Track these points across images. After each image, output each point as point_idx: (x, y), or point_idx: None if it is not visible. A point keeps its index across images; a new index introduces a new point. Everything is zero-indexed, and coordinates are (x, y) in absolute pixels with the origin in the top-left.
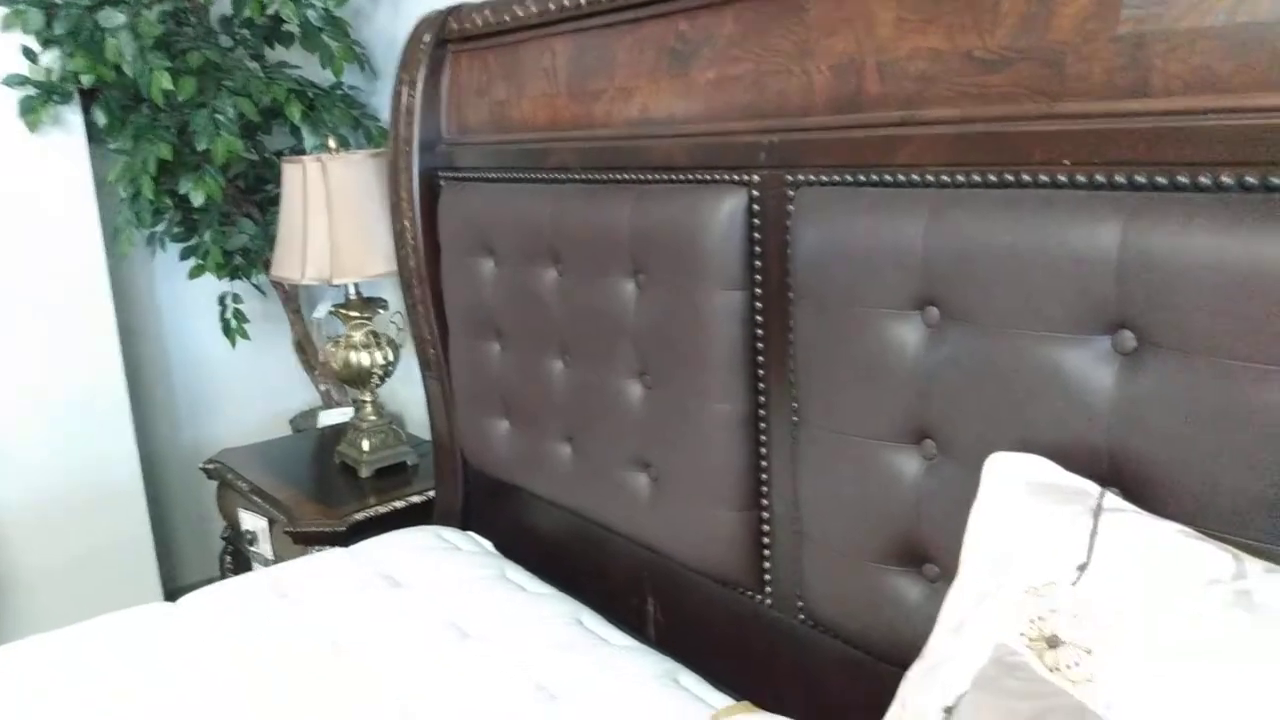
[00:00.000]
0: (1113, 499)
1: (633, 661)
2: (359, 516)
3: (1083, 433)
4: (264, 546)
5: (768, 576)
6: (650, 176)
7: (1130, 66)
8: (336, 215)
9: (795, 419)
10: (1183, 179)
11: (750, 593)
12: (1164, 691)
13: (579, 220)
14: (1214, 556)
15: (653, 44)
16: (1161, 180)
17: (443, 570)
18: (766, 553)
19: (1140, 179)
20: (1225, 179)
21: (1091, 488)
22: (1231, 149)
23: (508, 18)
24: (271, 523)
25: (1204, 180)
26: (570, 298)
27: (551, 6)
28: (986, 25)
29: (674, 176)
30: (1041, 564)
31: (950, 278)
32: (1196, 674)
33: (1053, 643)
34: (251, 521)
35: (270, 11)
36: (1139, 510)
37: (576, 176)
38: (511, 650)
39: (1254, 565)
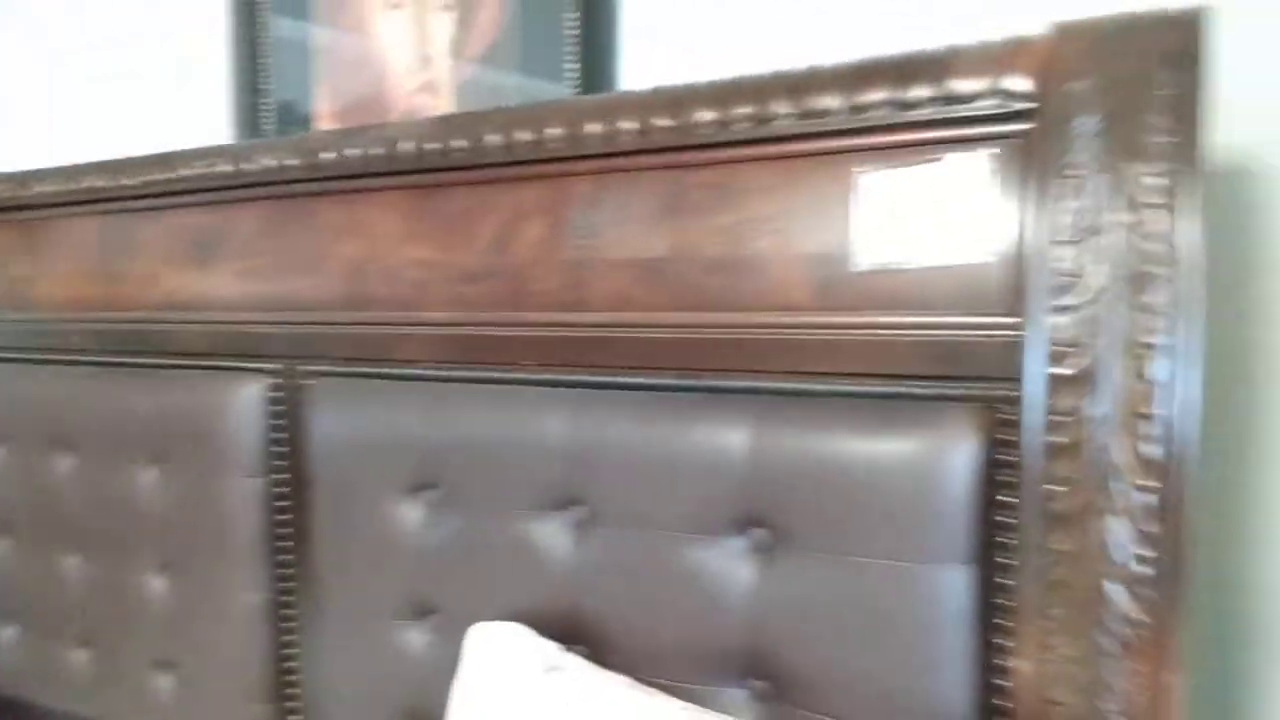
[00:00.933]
0: (568, 658)
1: None
2: None
3: (551, 597)
4: None
5: None
6: (173, 362)
7: (572, 286)
8: None
9: (316, 603)
10: (613, 379)
11: None
12: None
13: (98, 406)
14: (639, 700)
15: (179, 232)
16: (598, 379)
17: None
18: None
19: (584, 377)
20: (642, 379)
21: (551, 649)
22: (642, 356)
23: (27, 194)
24: None
25: (627, 380)
26: (88, 488)
27: (75, 187)
28: (467, 243)
29: (196, 363)
30: None
31: (445, 463)
32: None
33: None
34: None
35: None
36: (586, 665)
37: (97, 359)
38: None
39: (669, 705)
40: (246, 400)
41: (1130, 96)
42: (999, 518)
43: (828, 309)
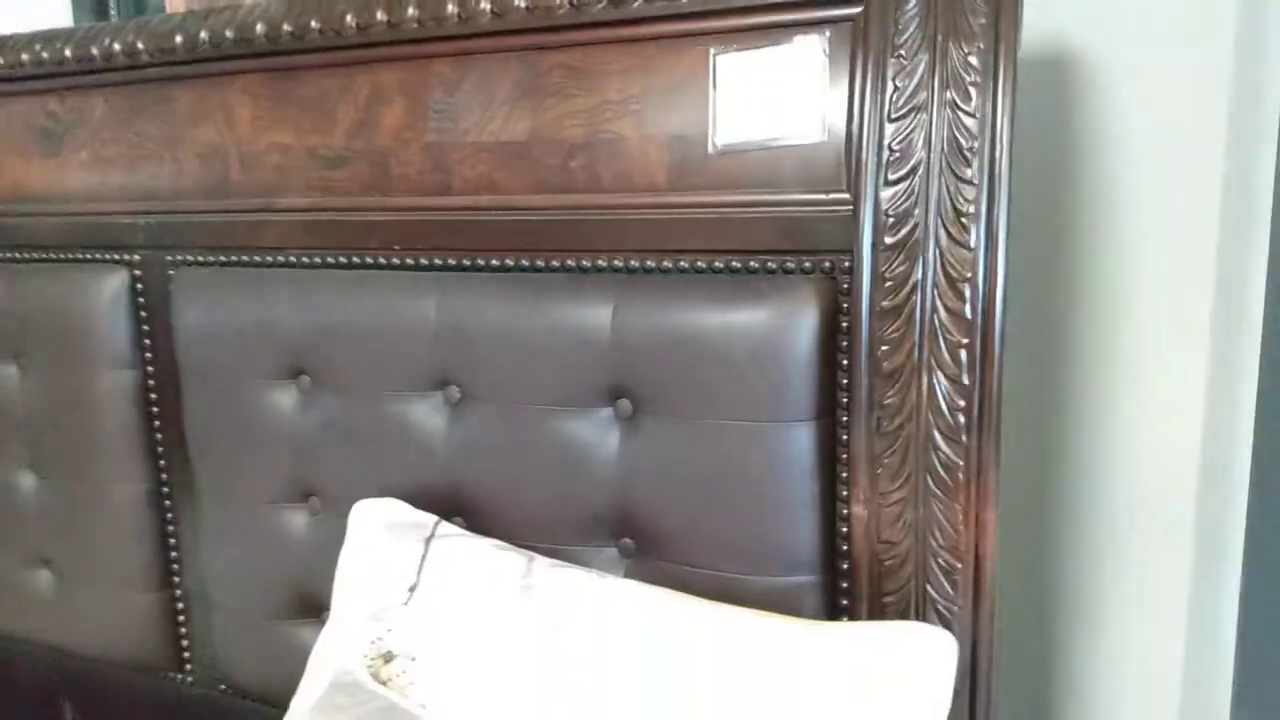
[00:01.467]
0: (447, 527)
1: None
2: None
3: (429, 475)
4: None
5: (186, 654)
6: (27, 255)
7: (435, 169)
8: None
9: (195, 491)
10: (480, 261)
11: (172, 674)
12: (471, 679)
13: None
14: (512, 561)
15: (23, 120)
16: (466, 262)
17: None
18: (183, 630)
19: (451, 261)
20: (508, 261)
21: (430, 520)
22: (508, 238)
23: None
24: None
25: (493, 262)
26: None
27: None
28: (327, 128)
29: (52, 256)
30: (380, 591)
31: (315, 349)
32: (497, 657)
33: (388, 658)
34: None
35: None
36: (465, 533)
37: None
38: None
39: (541, 563)
40: (109, 292)
41: None
42: (839, 378)
43: (684, 189)
